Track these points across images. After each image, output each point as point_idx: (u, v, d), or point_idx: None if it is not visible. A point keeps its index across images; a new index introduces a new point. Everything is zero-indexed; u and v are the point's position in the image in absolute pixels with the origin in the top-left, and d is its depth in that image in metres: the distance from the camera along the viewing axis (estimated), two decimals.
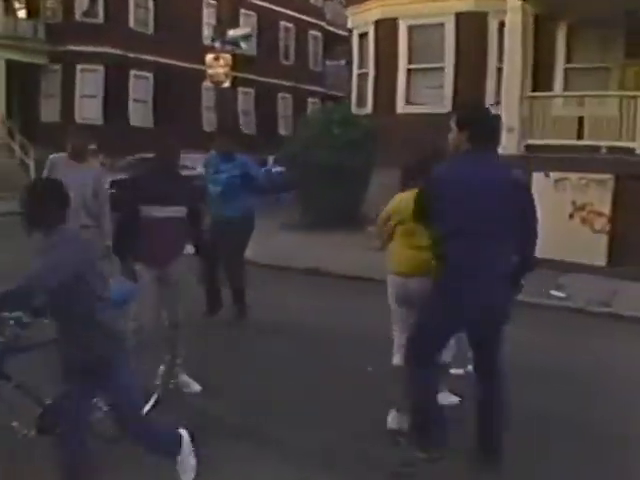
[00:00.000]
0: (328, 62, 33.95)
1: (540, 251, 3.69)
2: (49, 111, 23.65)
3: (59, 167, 5.41)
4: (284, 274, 8.96)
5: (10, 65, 22.39)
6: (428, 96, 12.49)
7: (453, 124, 3.62)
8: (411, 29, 12.53)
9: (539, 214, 3.58)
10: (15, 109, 23.91)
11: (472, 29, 12.09)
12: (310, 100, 31.92)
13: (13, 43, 22.31)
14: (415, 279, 3.93)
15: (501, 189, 3.50)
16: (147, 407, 3.78)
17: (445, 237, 3.50)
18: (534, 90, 10.27)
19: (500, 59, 11.27)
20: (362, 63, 13.93)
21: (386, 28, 12.82)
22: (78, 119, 23.16)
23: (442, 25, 12.27)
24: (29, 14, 24.58)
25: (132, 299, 3.94)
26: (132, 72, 24.01)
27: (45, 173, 5.43)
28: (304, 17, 31.75)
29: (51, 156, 5.66)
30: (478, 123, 3.60)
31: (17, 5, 24.99)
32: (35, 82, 23.77)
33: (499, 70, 11.40)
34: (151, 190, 4.54)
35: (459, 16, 12.13)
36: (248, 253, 6.76)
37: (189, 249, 4.86)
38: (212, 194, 6.31)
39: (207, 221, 5.88)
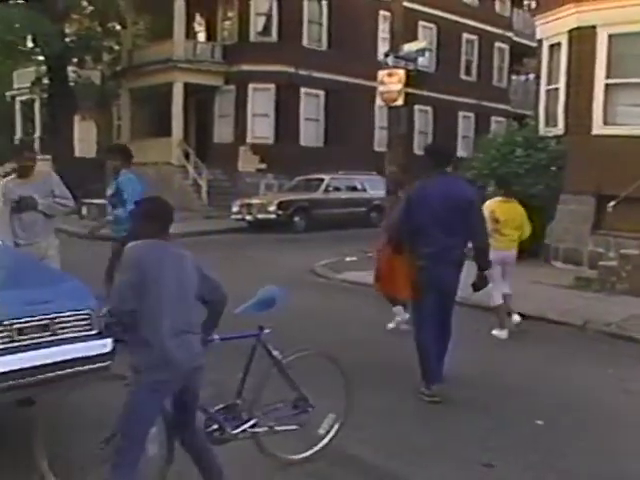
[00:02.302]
0: (514, 77, 33.06)
1: None
2: (222, 131, 25.43)
3: (10, 187, 6.29)
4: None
5: (187, 87, 24.44)
6: (631, 115, 11.63)
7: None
8: (612, 38, 11.80)
9: None
10: (191, 130, 26.01)
11: None
12: (494, 119, 31.24)
13: (192, 66, 24.38)
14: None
15: (455, 200, 5.44)
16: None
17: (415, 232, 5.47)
18: None
19: None
20: (552, 78, 13.36)
21: (582, 38, 12.18)
22: (250, 139, 24.67)
23: None
24: (208, 37, 26.76)
25: (275, 303, 4.06)
26: (303, 90, 25.09)
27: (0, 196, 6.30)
28: (489, 28, 31.23)
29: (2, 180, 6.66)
30: (437, 153, 5.80)
31: (197, 28, 27.34)
32: (210, 103, 25.70)
33: None
34: None
35: None
36: None
37: None
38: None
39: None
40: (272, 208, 18.96)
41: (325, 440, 4.29)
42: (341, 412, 4.35)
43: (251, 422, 3.91)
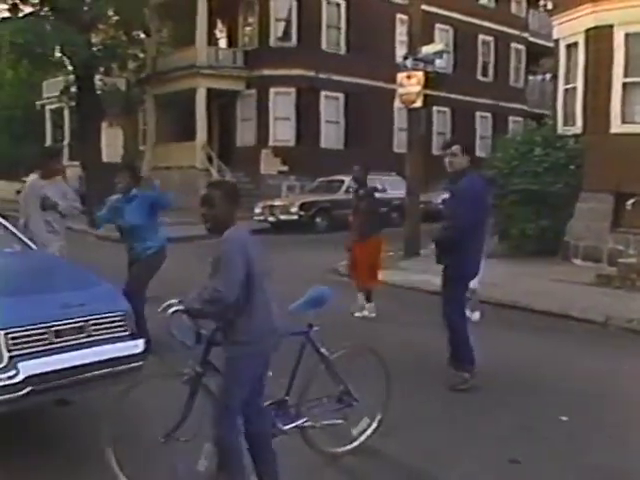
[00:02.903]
0: (531, 77, 32.79)
1: None
2: (245, 135, 25.51)
3: (38, 185, 6.85)
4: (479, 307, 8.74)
5: (210, 92, 24.56)
6: None
7: (459, 151, 5.66)
8: (629, 37, 11.65)
9: None
10: (214, 134, 26.13)
11: None
12: (511, 119, 31.02)
13: (215, 72, 24.50)
14: None
15: (487, 193, 6.21)
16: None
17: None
18: None
19: None
20: (570, 77, 13.23)
21: (599, 37, 12.05)
22: (271, 142, 24.72)
23: None
24: (229, 43, 26.87)
25: (324, 302, 4.15)
26: (323, 93, 25.11)
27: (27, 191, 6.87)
28: (505, 29, 31.01)
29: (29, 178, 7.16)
30: (469, 151, 5.81)
31: (219, 35, 27.46)
32: (232, 108, 25.79)
33: None
34: None
35: None
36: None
37: None
38: (127, 234, 6.62)
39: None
40: (294, 209, 18.99)
41: (357, 442, 4.31)
42: (380, 409, 4.38)
43: (301, 419, 3.95)
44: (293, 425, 3.93)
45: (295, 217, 18.92)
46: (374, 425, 4.36)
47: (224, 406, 3.45)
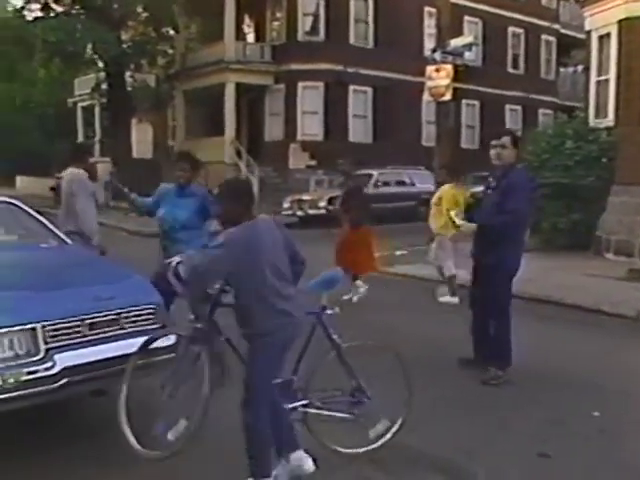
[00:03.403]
0: (562, 69, 32.36)
1: None
2: (273, 130, 25.59)
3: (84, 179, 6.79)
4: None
5: (238, 87, 24.67)
6: None
7: (509, 143, 5.52)
8: None
9: None
10: (243, 129, 26.26)
11: None
12: (541, 111, 30.64)
13: (243, 67, 24.61)
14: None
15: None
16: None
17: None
18: None
19: None
20: (602, 69, 13.05)
21: (632, 28, 11.87)
22: (300, 136, 24.75)
23: None
24: (257, 37, 26.95)
25: (337, 284, 4.19)
26: (351, 87, 25.09)
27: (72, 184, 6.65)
28: (536, 21, 30.62)
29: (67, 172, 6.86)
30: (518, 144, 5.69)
31: (246, 30, 27.57)
32: (260, 102, 25.88)
33: None
34: None
35: None
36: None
37: None
38: (166, 230, 5.63)
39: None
40: (323, 203, 18.99)
41: (375, 445, 4.12)
42: (401, 410, 4.20)
43: (305, 401, 3.91)
44: (294, 406, 3.87)
45: (324, 211, 18.92)
46: (394, 428, 4.17)
47: (249, 395, 3.51)
